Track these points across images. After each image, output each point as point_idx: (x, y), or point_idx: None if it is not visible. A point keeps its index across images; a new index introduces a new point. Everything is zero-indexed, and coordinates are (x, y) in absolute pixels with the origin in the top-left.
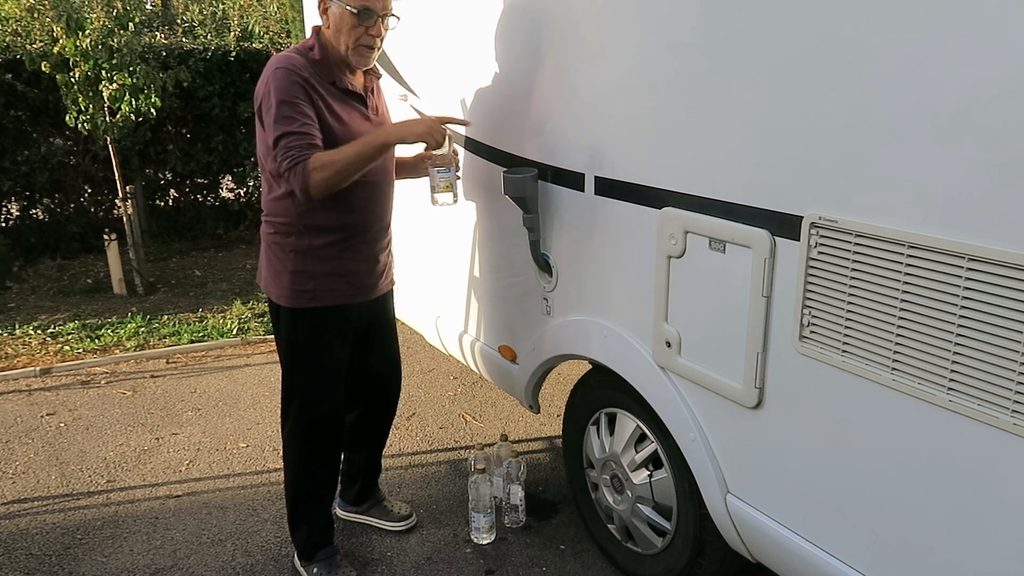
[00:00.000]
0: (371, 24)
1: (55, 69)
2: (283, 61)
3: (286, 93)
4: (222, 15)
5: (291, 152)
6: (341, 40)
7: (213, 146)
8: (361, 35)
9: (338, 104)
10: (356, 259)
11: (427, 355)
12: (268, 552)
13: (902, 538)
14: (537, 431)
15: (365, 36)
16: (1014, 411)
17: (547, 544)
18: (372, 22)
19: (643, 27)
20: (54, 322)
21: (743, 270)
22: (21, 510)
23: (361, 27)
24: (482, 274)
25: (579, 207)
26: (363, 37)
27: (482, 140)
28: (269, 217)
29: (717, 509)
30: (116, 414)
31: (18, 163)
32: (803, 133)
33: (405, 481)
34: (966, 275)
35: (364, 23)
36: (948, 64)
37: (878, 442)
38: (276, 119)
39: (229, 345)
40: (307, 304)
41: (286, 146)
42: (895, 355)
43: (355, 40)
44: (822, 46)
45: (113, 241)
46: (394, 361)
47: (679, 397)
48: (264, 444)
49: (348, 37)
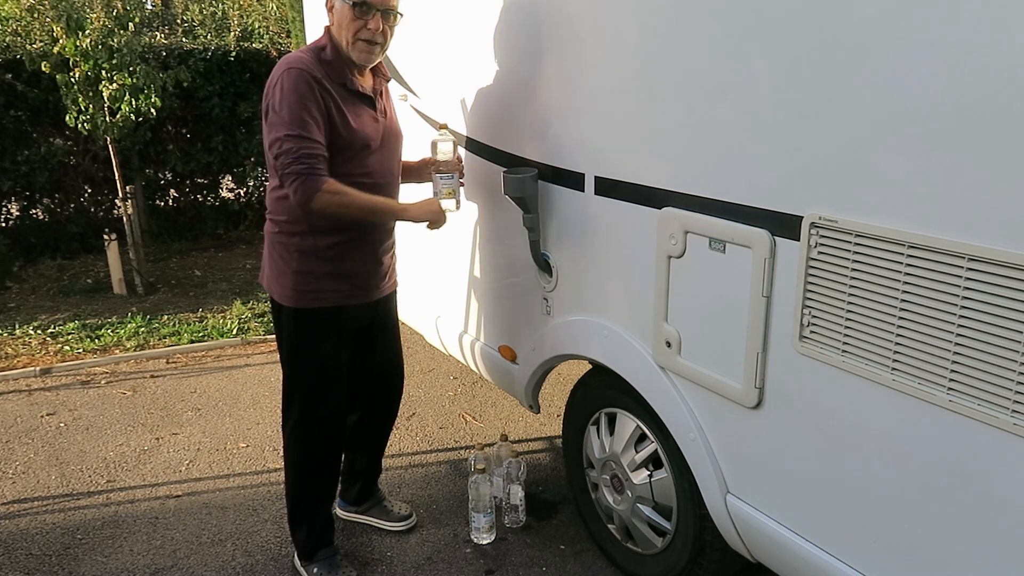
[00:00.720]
0: (369, 17)
1: (55, 69)
2: (295, 62)
3: (296, 94)
4: (222, 15)
5: (304, 161)
6: (342, 35)
7: (213, 146)
8: (359, 28)
9: (348, 105)
10: (360, 260)
11: (427, 355)
12: (268, 552)
13: (902, 538)
14: (537, 431)
15: (363, 30)
16: (1014, 411)
17: (547, 544)
18: (370, 15)
19: (643, 27)
20: (54, 322)
21: (743, 270)
22: (21, 510)
23: (360, 20)
24: (482, 274)
25: (579, 207)
26: (362, 31)
27: (482, 140)
28: (273, 215)
29: (717, 509)
30: (116, 414)
31: (18, 163)
32: (803, 133)
33: (405, 481)
34: (966, 275)
35: (363, 16)
36: (948, 63)
37: (878, 442)
38: (286, 119)
39: (229, 345)
40: (310, 304)
41: (297, 151)
42: (895, 355)
43: (353, 34)
44: (822, 46)
45: (113, 241)
46: (396, 362)
47: (679, 397)
48: (264, 444)
49: (347, 31)
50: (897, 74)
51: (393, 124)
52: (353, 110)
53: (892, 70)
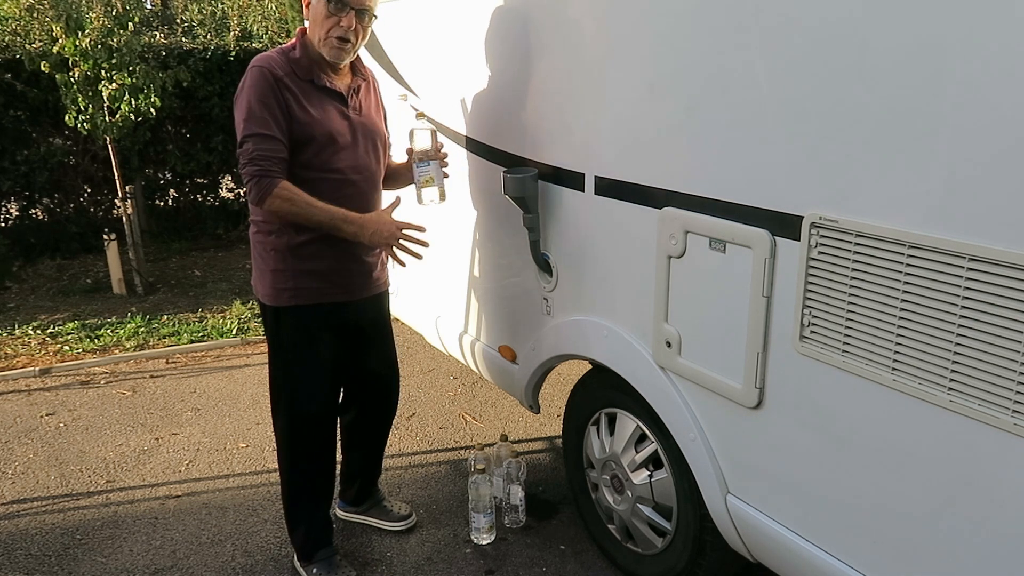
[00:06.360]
0: (343, 15)
1: (55, 69)
2: (259, 60)
3: (256, 92)
4: (222, 15)
5: (260, 163)
6: (316, 32)
7: (213, 146)
8: (333, 26)
9: (312, 100)
10: (336, 258)
11: (427, 355)
12: (268, 552)
13: (902, 538)
14: (537, 431)
15: (336, 27)
16: (1014, 411)
17: (547, 544)
18: (344, 12)
19: (643, 27)
20: (54, 322)
21: (743, 270)
22: (21, 510)
23: (334, 17)
24: (482, 274)
25: (579, 207)
26: (334, 28)
27: (482, 140)
28: (252, 215)
29: (717, 509)
30: (116, 414)
31: (18, 163)
32: (803, 133)
33: (405, 481)
34: (966, 275)
35: (337, 13)
36: (948, 63)
37: (878, 442)
38: (245, 117)
39: (229, 345)
40: (288, 303)
41: (252, 152)
42: (895, 355)
43: (327, 31)
44: (822, 45)
45: (113, 241)
46: (390, 363)
47: (679, 397)
48: (264, 444)
49: (321, 28)
50: (897, 73)
51: (370, 121)
52: (318, 105)
53: (892, 69)
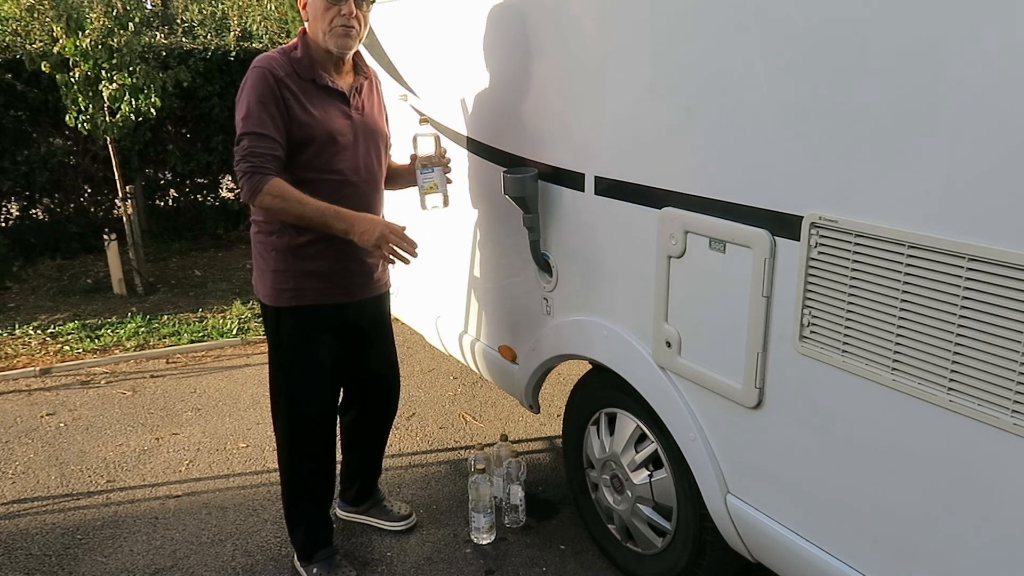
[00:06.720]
0: (342, 3)
1: (55, 69)
2: (261, 60)
3: (255, 93)
4: (222, 15)
5: (253, 160)
6: (319, 28)
7: (213, 146)
8: (334, 16)
9: (313, 100)
10: (337, 259)
11: (427, 355)
12: (268, 552)
13: (902, 538)
14: (537, 431)
15: (338, 16)
16: (1014, 411)
17: (547, 544)
18: (343, 1)
19: (643, 27)
20: (54, 322)
21: (743, 270)
22: (21, 510)
23: (334, 8)
24: (482, 274)
25: (579, 207)
26: (336, 18)
27: (482, 140)
28: (253, 215)
29: (717, 509)
30: (116, 414)
31: (18, 163)
32: (803, 133)
33: (405, 481)
34: (966, 275)
35: (336, 3)
36: (948, 62)
37: (878, 442)
38: (243, 116)
39: (229, 345)
40: (288, 303)
41: (247, 149)
42: (895, 355)
43: (329, 23)
44: (822, 45)
45: (113, 241)
46: (391, 363)
47: (679, 397)
48: (264, 444)
49: (322, 21)
50: (897, 73)
51: (372, 121)
52: (319, 104)
53: (892, 69)
